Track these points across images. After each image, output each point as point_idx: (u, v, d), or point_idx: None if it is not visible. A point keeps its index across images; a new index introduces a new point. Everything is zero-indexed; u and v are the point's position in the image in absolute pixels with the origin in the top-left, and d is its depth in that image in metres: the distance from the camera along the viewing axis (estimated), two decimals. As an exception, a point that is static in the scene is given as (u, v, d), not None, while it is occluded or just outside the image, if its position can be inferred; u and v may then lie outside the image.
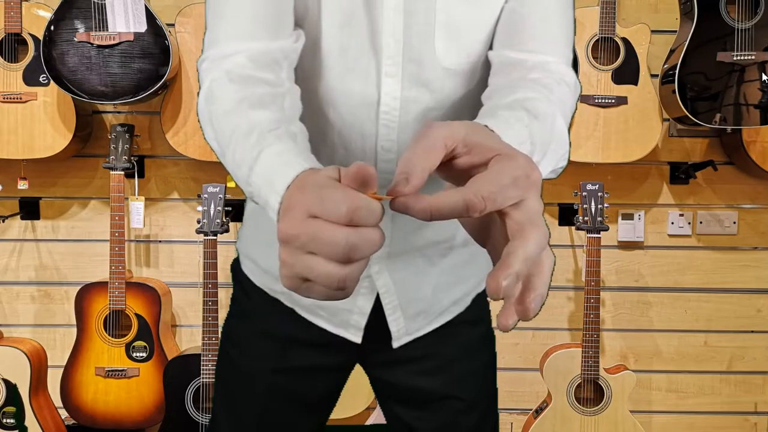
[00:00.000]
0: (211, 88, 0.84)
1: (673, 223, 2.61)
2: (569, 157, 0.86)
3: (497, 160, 0.58)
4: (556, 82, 0.88)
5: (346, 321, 1.09)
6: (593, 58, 2.38)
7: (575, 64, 2.31)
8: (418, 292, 1.09)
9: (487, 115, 0.77)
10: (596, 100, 2.36)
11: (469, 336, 1.17)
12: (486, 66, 0.97)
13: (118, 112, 2.56)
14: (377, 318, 1.09)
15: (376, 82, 0.94)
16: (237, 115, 0.78)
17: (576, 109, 0.93)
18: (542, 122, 0.78)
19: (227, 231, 2.28)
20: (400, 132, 0.96)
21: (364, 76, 0.94)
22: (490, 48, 0.96)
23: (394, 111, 0.95)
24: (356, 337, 1.10)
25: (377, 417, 2.47)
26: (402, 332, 1.10)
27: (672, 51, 2.39)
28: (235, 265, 1.19)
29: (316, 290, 0.56)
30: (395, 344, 1.10)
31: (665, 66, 2.39)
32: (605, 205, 2.27)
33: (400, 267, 1.07)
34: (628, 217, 2.61)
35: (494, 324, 1.20)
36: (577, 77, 0.94)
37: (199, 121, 0.86)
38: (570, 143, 0.86)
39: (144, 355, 2.37)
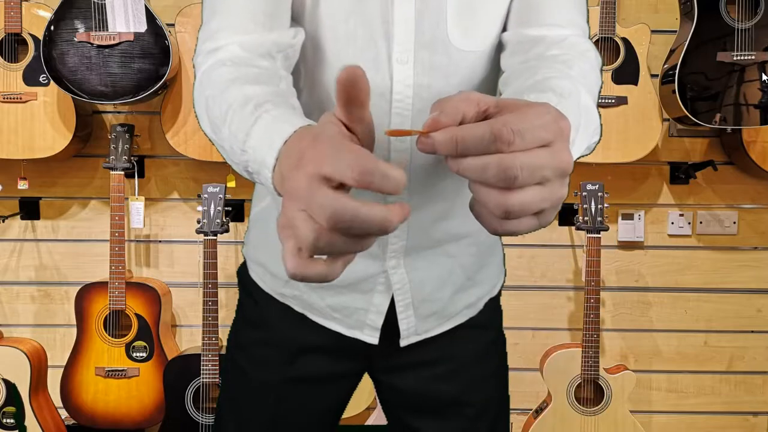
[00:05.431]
0: (206, 73, 0.83)
1: (673, 223, 2.61)
2: (601, 131, 0.84)
3: (527, 105, 0.56)
4: (575, 57, 0.87)
5: (362, 321, 1.05)
6: (593, 58, 2.37)
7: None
8: (435, 293, 1.06)
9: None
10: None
11: (481, 341, 1.14)
12: (501, 49, 0.95)
13: (118, 112, 2.56)
14: (388, 318, 1.05)
15: (387, 70, 0.91)
16: (233, 91, 0.77)
17: (602, 83, 0.91)
18: (569, 100, 0.76)
19: (227, 231, 2.28)
20: (413, 121, 0.93)
21: (374, 65, 0.91)
22: (504, 29, 0.94)
23: (407, 99, 0.92)
24: (372, 338, 1.06)
25: (377, 417, 2.47)
26: (411, 331, 1.07)
27: (672, 51, 2.39)
28: (242, 272, 1.15)
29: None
30: (402, 343, 1.07)
31: (665, 66, 2.39)
32: (605, 205, 2.27)
33: (420, 265, 1.03)
34: (628, 217, 2.61)
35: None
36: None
37: (195, 112, 0.84)
38: (600, 116, 0.84)
39: (144, 355, 2.37)
